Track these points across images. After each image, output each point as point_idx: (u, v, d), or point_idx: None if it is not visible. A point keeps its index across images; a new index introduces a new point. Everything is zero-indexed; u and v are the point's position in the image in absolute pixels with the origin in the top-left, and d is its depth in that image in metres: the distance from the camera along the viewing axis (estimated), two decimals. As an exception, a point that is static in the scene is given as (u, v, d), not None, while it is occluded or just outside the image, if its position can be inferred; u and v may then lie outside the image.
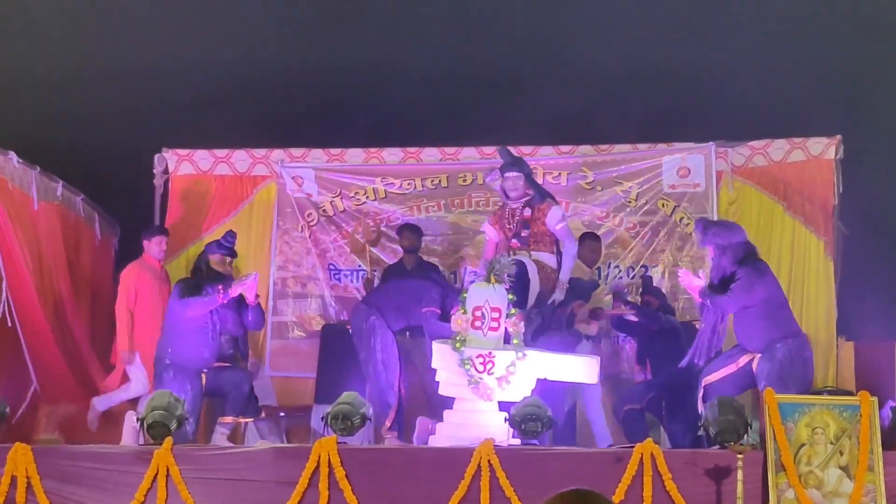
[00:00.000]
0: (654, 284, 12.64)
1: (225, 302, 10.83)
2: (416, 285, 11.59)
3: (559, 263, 11.49)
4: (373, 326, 11.21)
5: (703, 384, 10.32)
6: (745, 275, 10.06)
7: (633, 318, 11.58)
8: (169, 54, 13.61)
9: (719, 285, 10.21)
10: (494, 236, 11.66)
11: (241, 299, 11.02)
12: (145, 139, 13.43)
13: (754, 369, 9.99)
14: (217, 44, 13.58)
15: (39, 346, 11.76)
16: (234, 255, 11.20)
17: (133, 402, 11.64)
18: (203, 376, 10.78)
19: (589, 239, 12.23)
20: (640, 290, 12.53)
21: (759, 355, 9.98)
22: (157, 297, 11.94)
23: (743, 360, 10.19)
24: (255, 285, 11.00)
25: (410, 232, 12.53)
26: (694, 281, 10.34)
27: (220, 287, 10.82)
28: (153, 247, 12.20)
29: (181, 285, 10.90)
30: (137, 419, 9.82)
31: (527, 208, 11.47)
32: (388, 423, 10.87)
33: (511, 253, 11.25)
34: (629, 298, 12.15)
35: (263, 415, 11.45)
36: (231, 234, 11.26)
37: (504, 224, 11.53)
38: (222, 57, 13.62)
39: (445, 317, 10.98)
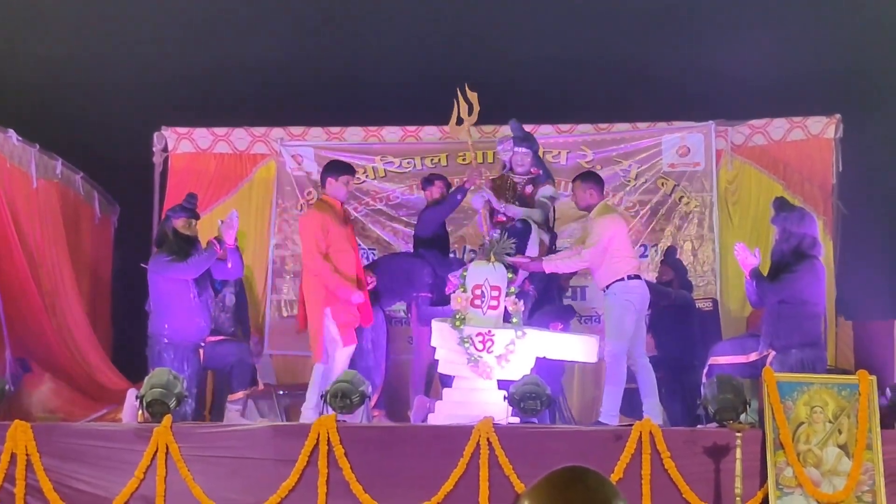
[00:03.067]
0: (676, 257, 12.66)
1: (220, 252, 10.78)
2: (407, 266, 11.62)
3: (551, 240, 11.49)
4: None
5: (709, 362, 10.34)
6: (801, 270, 10.06)
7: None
8: (169, 32, 13.58)
9: (770, 270, 10.23)
10: (480, 206, 11.62)
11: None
12: (144, 118, 13.39)
13: (767, 363, 9.97)
14: (218, 23, 13.54)
15: (32, 324, 11.72)
16: (197, 216, 11.08)
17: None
18: (201, 351, 10.77)
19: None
20: (661, 258, 12.56)
21: (774, 353, 9.99)
22: (344, 240, 10.94)
23: (754, 355, 10.20)
24: (236, 224, 10.96)
25: (441, 181, 12.15)
26: (749, 258, 10.31)
27: (212, 240, 10.81)
28: (340, 187, 11.11)
29: (162, 257, 10.79)
30: (137, 397, 9.83)
31: (529, 185, 11.45)
32: (372, 403, 10.88)
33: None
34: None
35: (262, 388, 11.44)
36: (192, 196, 11.19)
37: (504, 193, 11.48)
38: (223, 35, 13.58)
39: (439, 299, 11.05)
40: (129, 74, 13.68)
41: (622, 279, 10.44)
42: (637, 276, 10.60)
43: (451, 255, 12.40)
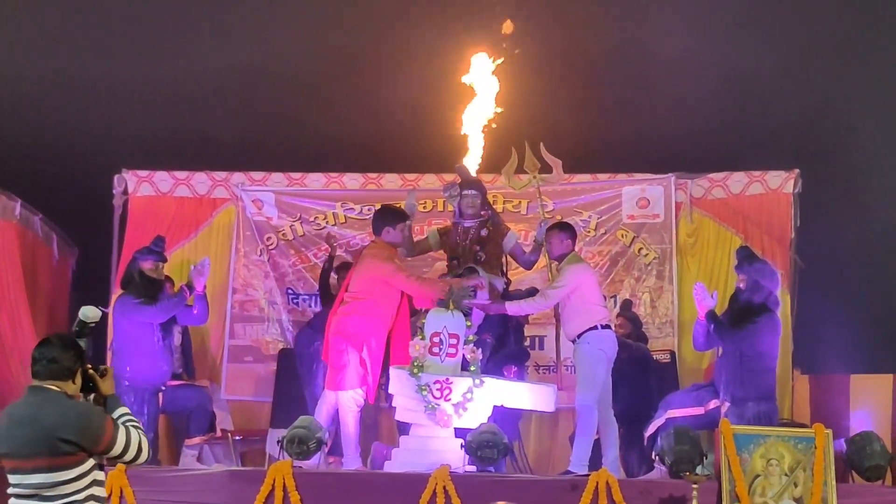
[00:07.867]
0: (632, 310, 12.68)
1: (189, 297, 10.80)
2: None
3: (505, 286, 11.47)
4: (317, 351, 11.20)
5: (666, 416, 10.36)
6: (762, 323, 10.17)
7: None
8: (129, 74, 13.58)
9: (731, 317, 10.31)
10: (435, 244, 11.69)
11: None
12: (104, 160, 13.32)
13: (721, 414, 10.05)
14: (177, 61, 13.56)
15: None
16: (164, 259, 11.11)
17: None
18: (160, 395, 10.73)
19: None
20: (618, 310, 12.58)
21: (729, 405, 10.07)
22: None
23: (712, 404, 10.25)
24: (207, 272, 10.99)
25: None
26: (706, 299, 10.39)
27: (183, 286, 10.83)
28: (398, 234, 10.87)
29: (130, 299, 10.77)
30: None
31: (483, 229, 11.43)
32: (325, 449, 10.81)
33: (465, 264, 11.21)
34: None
35: (219, 434, 11.40)
36: (160, 240, 11.20)
37: (456, 241, 11.47)
38: (185, 73, 13.60)
39: None
40: (89, 115, 13.65)
41: (595, 328, 10.48)
42: (608, 326, 10.65)
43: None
